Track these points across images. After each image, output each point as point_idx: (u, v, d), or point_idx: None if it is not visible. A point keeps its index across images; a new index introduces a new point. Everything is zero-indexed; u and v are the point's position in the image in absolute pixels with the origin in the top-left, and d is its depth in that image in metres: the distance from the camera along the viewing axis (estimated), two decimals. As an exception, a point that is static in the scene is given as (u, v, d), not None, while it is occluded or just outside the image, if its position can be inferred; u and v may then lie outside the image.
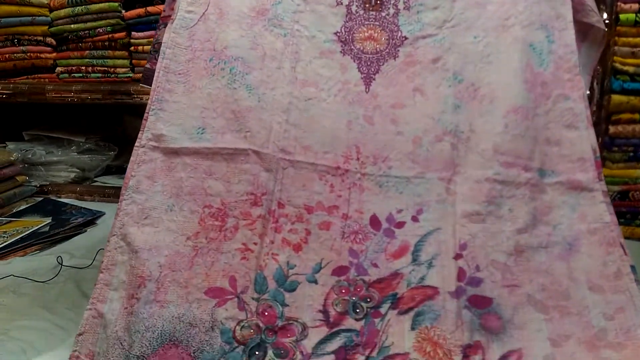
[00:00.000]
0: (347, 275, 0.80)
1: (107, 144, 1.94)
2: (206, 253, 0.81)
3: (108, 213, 1.64)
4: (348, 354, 0.72)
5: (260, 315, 0.76)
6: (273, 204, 0.84)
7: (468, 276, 0.77)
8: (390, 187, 0.85)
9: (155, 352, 0.72)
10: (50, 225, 1.54)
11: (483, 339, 0.72)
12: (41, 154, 1.86)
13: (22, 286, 1.18)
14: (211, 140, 0.87)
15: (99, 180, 1.92)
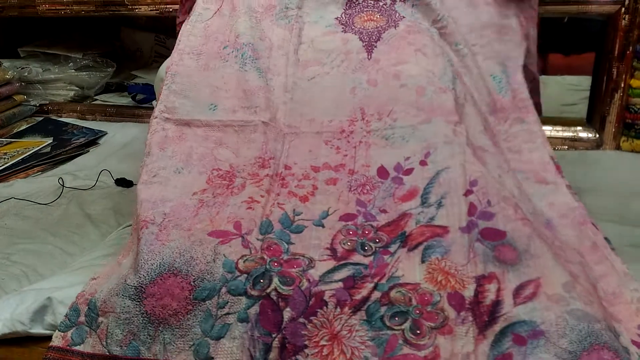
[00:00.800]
0: (355, 221, 0.77)
1: (105, 60, 1.87)
2: (212, 205, 0.79)
3: (110, 132, 1.60)
4: (356, 283, 0.68)
5: (265, 251, 0.72)
6: (280, 167, 0.85)
7: (479, 210, 0.73)
8: (396, 138, 0.84)
9: (153, 282, 0.69)
10: (51, 145, 1.51)
11: (498, 270, 0.67)
12: (38, 71, 1.79)
13: (24, 209, 1.15)
14: (223, 116, 0.90)
15: (99, 99, 1.85)
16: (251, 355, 0.64)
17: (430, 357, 0.62)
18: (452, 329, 0.63)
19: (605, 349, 0.59)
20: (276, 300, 0.66)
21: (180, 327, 0.67)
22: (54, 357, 0.69)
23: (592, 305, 0.64)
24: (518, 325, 0.62)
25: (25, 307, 0.74)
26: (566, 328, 0.61)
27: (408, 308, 0.65)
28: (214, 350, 0.65)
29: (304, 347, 0.64)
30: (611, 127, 1.33)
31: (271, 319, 0.65)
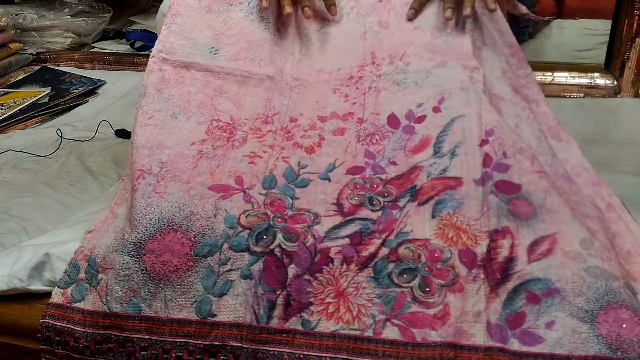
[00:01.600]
0: (363, 174, 0.72)
1: (101, 5, 1.80)
2: (211, 157, 0.75)
3: (109, 81, 1.56)
4: (364, 239, 0.65)
5: (268, 206, 0.69)
6: (285, 120, 0.80)
7: (495, 162, 0.69)
8: (408, 83, 0.78)
9: (152, 238, 0.66)
10: (49, 95, 1.47)
11: (512, 225, 0.64)
12: (32, 17, 1.73)
13: (22, 161, 1.13)
14: (224, 63, 0.84)
15: (97, 46, 1.80)
16: (255, 312, 0.62)
17: (440, 315, 0.59)
18: (462, 286, 0.61)
19: (624, 307, 0.57)
20: (280, 257, 0.64)
21: (182, 283, 0.65)
22: (53, 313, 0.68)
23: (610, 262, 0.61)
24: (532, 283, 0.60)
25: (23, 264, 0.73)
26: (583, 286, 0.58)
27: (417, 265, 0.63)
28: (216, 307, 0.63)
29: (309, 304, 0.62)
30: (630, 74, 1.27)
31: (275, 275, 0.63)
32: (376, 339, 0.59)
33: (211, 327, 0.63)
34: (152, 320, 0.65)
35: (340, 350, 0.59)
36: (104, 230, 0.73)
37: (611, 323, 0.56)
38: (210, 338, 0.62)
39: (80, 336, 0.66)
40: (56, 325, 0.67)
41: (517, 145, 0.71)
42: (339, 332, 0.60)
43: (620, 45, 1.27)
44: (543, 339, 0.56)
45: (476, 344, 0.57)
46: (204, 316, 0.63)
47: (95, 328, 0.66)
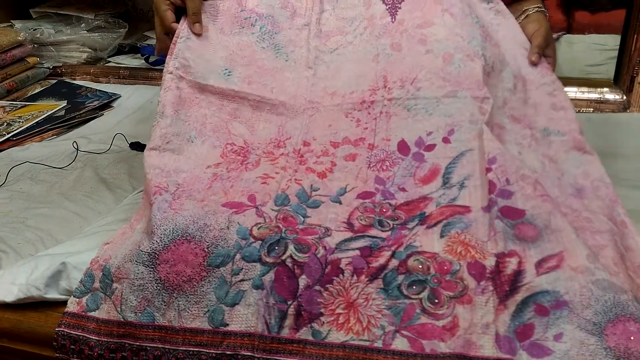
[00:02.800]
0: (373, 199, 0.74)
1: (117, 21, 1.83)
2: (226, 179, 0.78)
3: (124, 95, 1.58)
4: (373, 252, 0.67)
5: (280, 221, 0.71)
6: (298, 144, 0.82)
7: (498, 188, 0.70)
8: (419, 109, 0.79)
9: (166, 248, 0.68)
10: (65, 109, 1.50)
11: (519, 248, 0.65)
12: (50, 32, 1.77)
13: (39, 173, 1.15)
14: (237, 84, 0.86)
15: (112, 61, 1.83)
16: (266, 322, 0.63)
17: (449, 326, 0.60)
18: (471, 298, 0.61)
19: (632, 320, 0.57)
20: (291, 267, 0.65)
21: (195, 293, 0.66)
22: (69, 322, 0.70)
23: (618, 276, 0.62)
24: (541, 295, 0.60)
25: (40, 272, 0.74)
26: (591, 299, 0.59)
27: (426, 277, 0.63)
28: (228, 316, 0.64)
29: (320, 314, 0.63)
30: (639, 89, 1.28)
31: (286, 286, 0.64)
32: (385, 349, 0.60)
33: (223, 336, 0.64)
34: (166, 329, 0.66)
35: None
36: (121, 243, 0.75)
37: (619, 336, 0.56)
38: (223, 347, 0.63)
39: (94, 344, 0.68)
40: (71, 333, 0.69)
41: (519, 172, 0.71)
42: (349, 342, 0.61)
43: (629, 60, 1.28)
44: (552, 351, 0.57)
45: (485, 356, 0.57)
46: (216, 325, 0.64)
47: (110, 337, 0.68)
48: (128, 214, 0.90)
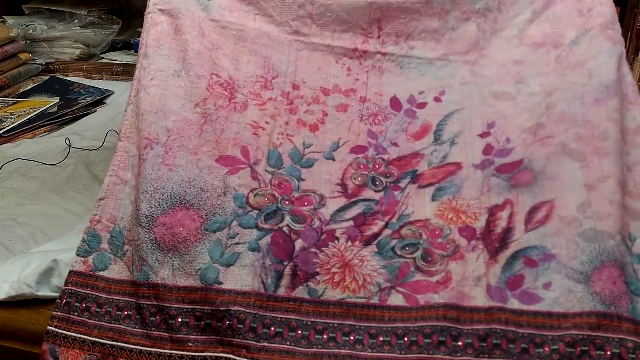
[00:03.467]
0: (366, 153, 0.76)
1: (110, 17, 1.82)
2: (215, 120, 0.78)
3: (117, 92, 1.57)
4: (367, 220, 0.69)
5: (275, 187, 0.73)
6: (287, 85, 0.81)
7: (497, 149, 0.72)
8: (411, 68, 0.81)
9: (164, 213, 0.69)
10: (58, 105, 1.48)
11: (512, 195, 0.67)
12: (42, 29, 1.75)
13: (31, 169, 1.14)
14: (219, 11, 0.83)
15: (105, 57, 1.82)
16: (263, 281, 0.65)
17: (442, 281, 0.63)
18: (463, 255, 0.64)
19: (616, 265, 0.60)
20: (288, 233, 0.68)
21: (189, 253, 0.67)
22: (76, 281, 0.70)
23: (607, 219, 0.63)
24: (529, 249, 0.63)
25: (31, 270, 0.74)
26: (577, 251, 0.62)
27: (419, 240, 0.67)
28: (223, 276, 0.66)
29: (316, 274, 0.65)
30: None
31: (282, 248, 0.67)
32: (382, 305, 0.62)
33: (217, 293, 0.65)
34: (159, 287, 0.67)
35: (347, 317, 0.62)
36: (115, 198, 0.75)
37: (604, 281, 0.60)
38: (217, 304, 0.64)
39: (104, 302, 0.68)
40: (79, 291, 0.69)
41: (523, 125, 0.73)
42: (345, 300, 0.63)
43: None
44: (541, 298, 0.60)
45: (477, 305, 0.61)
46: (209, 283, 0.65)
47: (120, 295, 0.68)
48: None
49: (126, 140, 0.78)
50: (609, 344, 0.56)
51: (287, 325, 0.62)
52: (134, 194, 0.73)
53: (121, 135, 0.79)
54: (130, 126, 0.79)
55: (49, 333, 0.67)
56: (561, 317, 0.58)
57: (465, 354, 0.58)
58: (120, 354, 0.65)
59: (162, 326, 0.65)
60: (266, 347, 0.61)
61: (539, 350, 0.57)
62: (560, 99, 0.73)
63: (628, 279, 0.60)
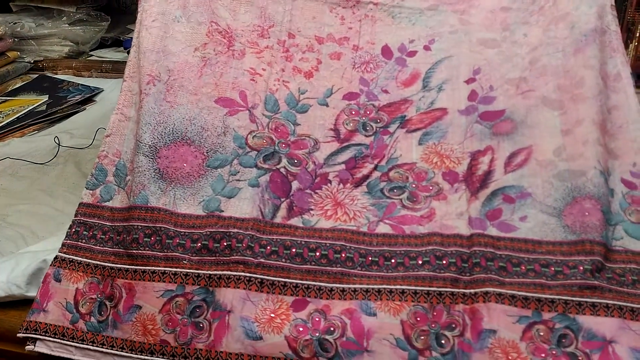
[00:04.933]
0: (358, 100, 0.80)
1: (99, 14, 1.81)
2: (214, 64, 0.82)
3: (107, 89, 1.56)
4: (357, 163, 0.75)
5: (272, 131, 0.77)
6: (282, 34, 0.84)
7: (480, 96, 0.77)
8: (402, 18, 0.84)
9: (167, 146, 0.74)
10: (47, 103, 1.47)
11: (493, 142, 0.73)
12: (31, 26, 1.74)
13: (20, 169, 1.13)
14: None
15: (94, 54, 1.81)
16: (261, 210, 0.70)
17: (426, 215, 0.69)
18: (446, 196, 0.71)
19: (587, 198, 0.66)
20: (285, 174, 0.74)
21: (192, 186, 0.72)
22: (85, 212, 0.75)
23: (580, 158, 0.69)
24: (507, 188, 0.70)
25: (21, 270, 0.73)
26: (551, 189, 0.68)
27: (405, 183, 0.73)
28: (224, 205, 0.70)
29: (310, 209, 0.71)
30: (623, 80, 1.29)
31: (280, 186, 0.73)
32: (370, 233, 0.69)
33: (217, 219, 0.69)
34: (159, 210, 0.70)
35: (338, 239, 0.68)
36: (120, 134, 0.79)
37: (575, 214, 0.66)
38: (216, 227, 0.68)
39: (108, 229, 0.72)
40: (87, 221, 0.74)
41: (506, 76, 0.77)
42: (337, 227, 0.69)
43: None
44: (517, 227, 0.67)
45: (460, 233, 0.67)
46: (211, 211, 0.69)
47: (120, 221, 0.72)
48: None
49: (130, 79, 0.82)
50: (581, 264, 0.62)
51: (282, 245, 0.67)
52: (135, 129, 0.76)
53: (125, 76, 0.83)
54: (133, 66, 0.82)
55: (57, 258, 0.72)
56: (536, 243, 0.65)
57: (448, 270, 0.64)
58: (118, 275, 0.69)
59: (156, 246, 0.68)
60: (262, 263, 0.66)
61: (515, 269, 0.63)
62: (544, 54, 0.78)
63: (603, 208, 0.66)
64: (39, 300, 0.69)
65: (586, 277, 0.61)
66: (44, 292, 0.70)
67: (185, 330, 0.64)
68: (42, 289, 0.70)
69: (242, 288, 0.64)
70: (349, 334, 0.61)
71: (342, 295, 0.63)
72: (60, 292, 0.70)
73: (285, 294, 0.64)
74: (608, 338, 0.57)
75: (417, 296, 0.62)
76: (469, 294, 0.61)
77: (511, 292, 0.60)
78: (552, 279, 0.62)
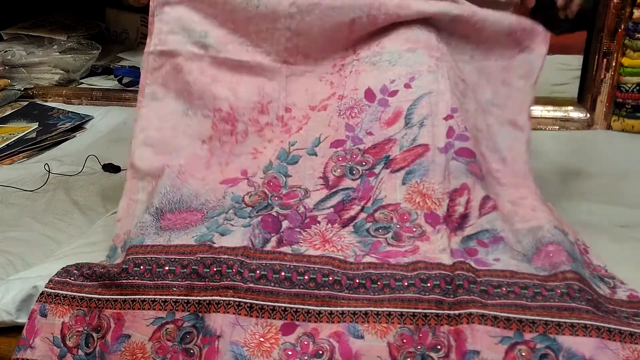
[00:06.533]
0: (344, 146, 0.83)
1: (90, 42, 1.83)
2: (220, 155, 0.86)
3: (97, 117, 1.58)
4: (345, 206, 0.78)
5: (266, 185, 0.81)
6: (280, 109, 0.88)
7: (457, 133, 0.80)
8: (383, 62, 0.86)
9: (172, 212, 0.79)
10: (37, 131, 1.48)
11: (469, 181, 0.76)
12: (21, 54, 1.76)
13: (9, 196, 1.14)
14: (215, 47, 0.88)
15: (85, 82, 1.83)
16: (251, 241, 0.72)
17: (411, 250, 0.72)
18: (429, 237, 0.73)
19: (549, 244, 0.71)
20: (276, 215, 0.77)
21: (187, 229, 0.76)
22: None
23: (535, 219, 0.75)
24: (481, 234, 0.73)
25: (11, 297, 0.73)
26: (519, 237, 0.73)
27: (390, 224, 0.76)
28: (216, 239, 0.72)
29: (299, 242, 0.74)
30: (602, 107, 1.33)
31: (270, 225, 0.76)
32: (357, 262, 0.71)
33: (209, 247, 0.70)
34: (153, 246, 0.73)
35: (326, 264, 0.69)
36: (130, 215, 0.83)
37: (543, 259, 0.70)
38: (206, 253, 0.69)
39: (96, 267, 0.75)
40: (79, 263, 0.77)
41: (476, 125, 0.84)
42: (324, 255, 0.71)
43: (592, 80, 1.33)
44: (492, 264, 0.70)
45: (443, 263, 0.69)
46: (202, 242, 0.72)
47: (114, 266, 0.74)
48: (101, 236, 0.90)
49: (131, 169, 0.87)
50: (558, 288, 0.65)
51: (271, 269, 0.68)
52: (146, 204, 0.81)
53: (129, 164, 0.87)
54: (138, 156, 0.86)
55: (43, 294, 0.72)
56: (513, 272, 0.68)
57: (433, 292, 0.65)
58: (106, 305, 0.69)
59: (146, 275, 0.69)
60: (252, 287, 0.66)
61: (497, 290, 0.65)
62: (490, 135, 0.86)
63: (566, 249, 0.70)
64: (25, 337, 0.69)
65: (564, 300, 0.63)
66: (30, 329, 0.70)
67: (176, 357, 0.64)
68: (28, 325, 0.70)
69: (231, 313, 0.64)
70: (338, 357, 0.62)
71: (330, 318, 0.65)
72: (46, 327, 0.70)
73: (274, 318, 0.65)
74: (587, 357, 0.59)
75: (403, 318, 0.63)
76: (453, 315, 0.63)
77: (494, 313, 0.62)
78: (532, 300, 0.64)
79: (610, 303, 0.68)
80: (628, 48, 1.28)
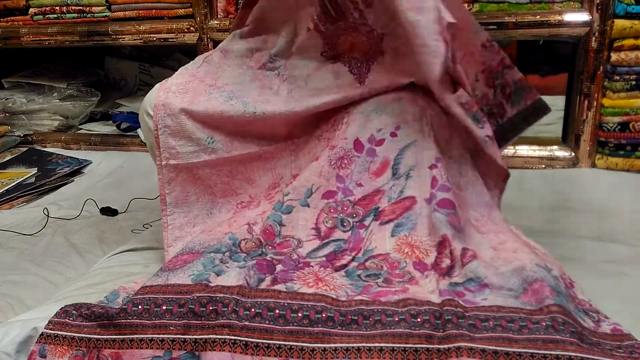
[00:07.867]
0: (335, 197, 0.87)
1: (89, 89, 1.88)
2: (232, 216, 0.93)
3: (95, 161, 1.61)
4: (337, 256, 0.82)
5: (262, 233, 0.85)
6: (288, 179, 0.93)
7: (440, 184, 0.84)
8: (371, 111, 0.90)
9: (175, 256, 0.83)
10: (36, 176, 1.51)
11: (449, 232, 0.80)
12: (22, 102, 1.80)
13: (9, 240, 1.16)
14: (223, 148, 0.91)
15: (83, 128, 1.87)
16: (247, 281, 0.74)
17: (401, 290, 0.75)
18: (418, 281, 0.77)
19: (534, 282, 0.72)
20: (270, 260, 0.81)
21: (184, 268, 0.78)
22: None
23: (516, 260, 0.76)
24: (467, 282, 0.76)
25: (11, 339, 0.74)
26: (504, 280, 0.75)
27: (380, 271, 0.79)
28: (212, 278, 0.75)
29: (293, 280, 0.77)
30: (586, 146, 1.37)
31: (265, 267, 0.79)
32: (349, 300, 0.72)
33: (205, 286, 0.72)
34: (151, 286, 0.75)
35: (319, 301, 0.71)
36: None
37: (529, 296, 0.71)
38: (203, 292, 0.71)
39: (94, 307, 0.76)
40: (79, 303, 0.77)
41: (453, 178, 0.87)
42: (318, 292, 0.73)
43: (575, 120, 1.38)
44: (480, 303, 0.72)
45: (432, 301, 0.71)
46: (199, 281, 0.74)
47: None
48: (99, 279, 0.92)
49: None
50: (543, 320, 0.66)
51: (265, 307, 0.70)
52: None
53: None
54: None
55: (42, 335, 0.73)
56: (500, 306, 0.70)
57: (422, 327, 0.67)
58: (104, 345, 0.70)
59: (144, 315, 0.71)
60: (247, 325, 0.68)
61: (484, 324, 0.67)
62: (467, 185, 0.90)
63: (550, 284, 0.72)
64: None
65: (549, 333, 0.65)
66: None
67: None
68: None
69: (227, 351, 0.66)
70: None
71: (324, 354, 0.66)
72: None
73: (269, 355, 0.66)
74: None
75: (395, 353, 0.65)
76: (443, 349, 0.65)
77: (481, 347, 0.64)
78: (518, 332, 0.66)
79: (594, 336, 0.69)
80: (607, 89, 1.33)
